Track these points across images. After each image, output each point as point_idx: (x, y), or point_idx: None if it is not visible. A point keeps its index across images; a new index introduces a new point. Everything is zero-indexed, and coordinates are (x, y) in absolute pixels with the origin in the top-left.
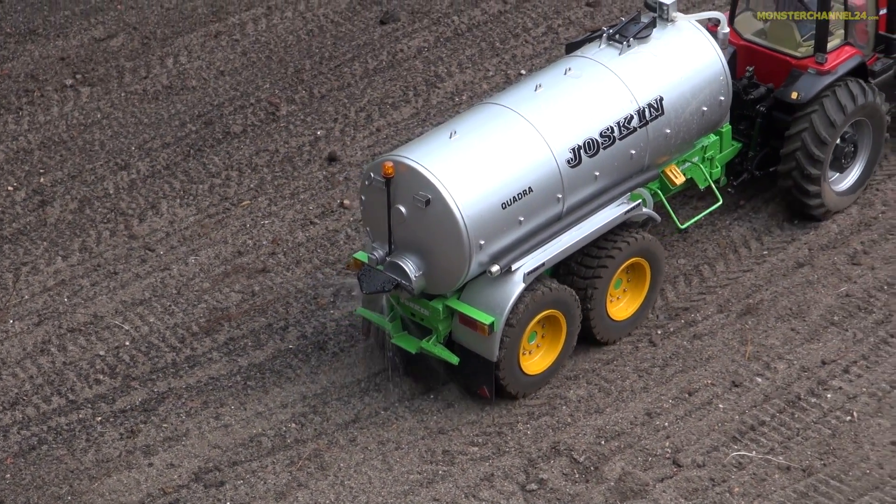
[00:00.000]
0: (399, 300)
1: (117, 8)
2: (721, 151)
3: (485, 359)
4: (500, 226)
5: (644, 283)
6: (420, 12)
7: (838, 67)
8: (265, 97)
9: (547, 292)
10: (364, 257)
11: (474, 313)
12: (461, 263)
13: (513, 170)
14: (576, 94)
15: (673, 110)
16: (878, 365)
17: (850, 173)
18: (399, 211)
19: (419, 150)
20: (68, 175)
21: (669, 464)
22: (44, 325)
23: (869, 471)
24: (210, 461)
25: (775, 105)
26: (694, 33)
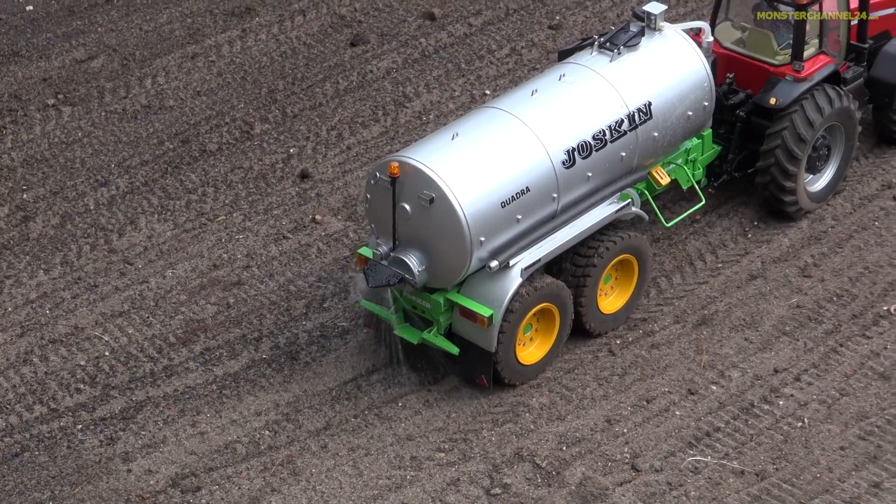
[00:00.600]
0: (402, 293)
1: (97, 30)
2: (702, 154)
3: (483, 349)
4: (500, 223)
5: (632, 279)
6: (389, 35)
7: (814, 74)
8: (240, 116)
9: (542, 286)
10: (368, 253)
11: (474, 306)
12: (462, 259)
13: (511, 170)
14: (570, 98)
15: (661, 115)
16: (827, 373)
17: (823, 175)
18: (404, 209)
19: (423, 151)
20: (50, 191)
21: (628, 469)
22: (26, 336)
23: (819, 475)
24: (187, 467)
25: (754, 110)
26: (680, 42)
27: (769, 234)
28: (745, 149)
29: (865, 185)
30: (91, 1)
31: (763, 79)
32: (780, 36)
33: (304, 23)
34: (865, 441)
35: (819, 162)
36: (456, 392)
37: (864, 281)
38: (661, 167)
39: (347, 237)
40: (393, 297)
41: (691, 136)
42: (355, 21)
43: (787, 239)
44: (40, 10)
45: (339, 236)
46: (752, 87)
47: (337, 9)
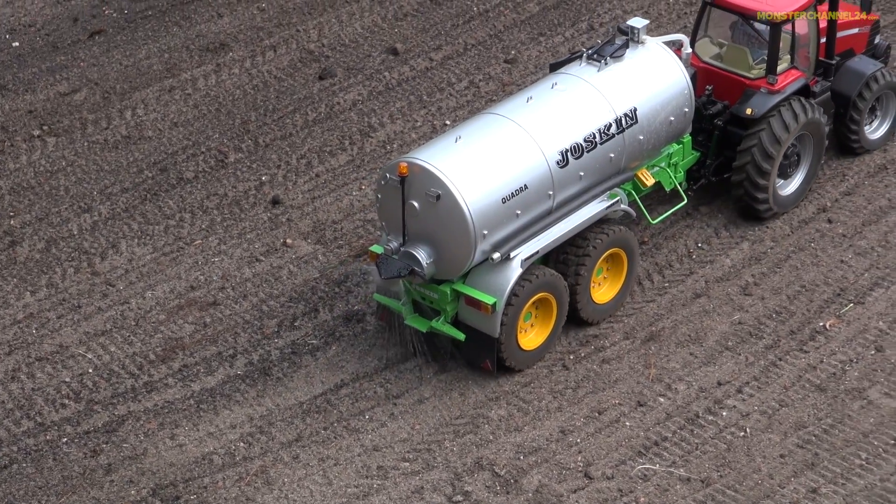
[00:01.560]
0: (411, 285)
1: (80, 65)
2: (683, 158)
3: (488, 335)
4: (501, 218)
5: (622, 271)
6: (355, 69)
7: (786, 87)
8: (215, 146)
9: (541, 276)
10: (379, 250)
11: (478, 295)
12: (468, 251)
13: (511, 169)
14: (562, 104)
15: (645, 119)
16: (767, 385)
17: (793, 180)
18: (412, 206)
19: (429, 152)
20: (36, 217)
21: (581, 476)
22: (14, 354)
23: (761, 481)
24: (166, 478)
25: (730, 120)
26: (661, 53)
27: (712, 255)
28: (722, 155)
29: (803, 209)
30: (74, 37)
31: (739, 91)
32: (755, 52)
33: (274, 58)
34: (803, 449)
35: (790, 168)
36: (420, 405)
37: (801, 299)
38: (647, 169)
39: (317, 259)
40: (403, 288)
41: (673, 141)
42: (323, 56)
43: (728, 259)
44: (26, 46)
45: (308, 259)
46: (729, 99)
47: (305, 44)
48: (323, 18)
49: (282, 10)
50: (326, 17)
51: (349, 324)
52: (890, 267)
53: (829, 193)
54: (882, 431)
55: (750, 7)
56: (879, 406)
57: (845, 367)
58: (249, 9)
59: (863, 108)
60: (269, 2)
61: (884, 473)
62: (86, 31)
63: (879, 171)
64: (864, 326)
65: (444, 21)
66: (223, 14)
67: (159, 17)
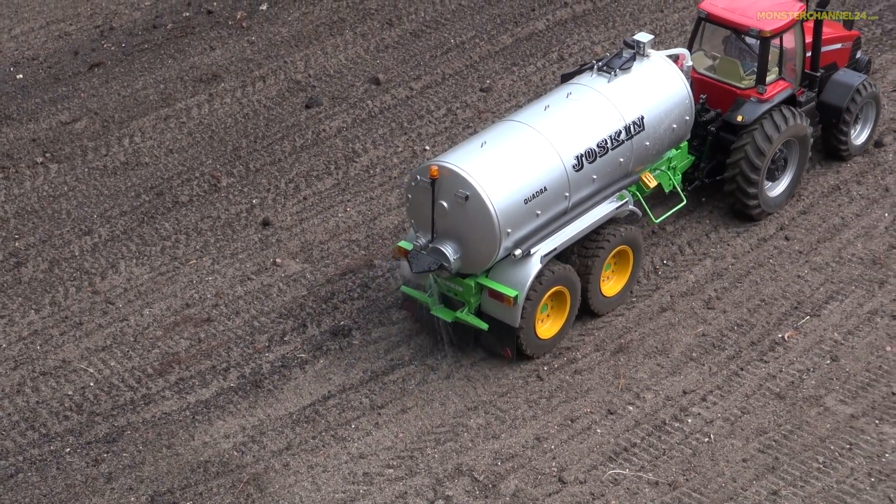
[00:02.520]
0: (438, 278)
1: (80, 96)
2: (681, 162)
3: (509, 325)
4: (523, 217)
5: (628, 267)
6: (339, 98)
7: (775, 97)
8: (208, 171)
9: (557, 271)
10: (408, 246)
11: (501, 288)
12: (492, 248)
13: (532, 172)
14: (577, 113)
15: (651, 126)
16: (730, 394)
17: (780, 183)
18: (441, 205)
19: (457, 156)
20: (40, 240)
21: (556, 481)
22: (19, 369)
23: (724, 484)
24: (164, 485)
25: (723, 126)
26: (665, 65)
27: (677, 271)
28: (714, 159)
29: (762, 228)
30: (74, 70)
31: (731, 100)
32: (745, 64)
33: (264, 88)
34: (764, 454)
35: (777, 171)
36: (403, 414)
37: (761, 312)
38: (649, 172)
39: (304, 278)
40: (430, 281)
41: (675, 146)
42: (309, 86)
43: (692, 275)
44: (29, 78)
45: (297, 277)
46: (722, 107)
47: (293, 75)
48: (309, 51)
49: (270, 43)
50: (312, 50)
51: (336, 338)
52: (844, 281)
53: (786, 213)
54: (838, 436)
55: (742, 23)
56: (835, 413)
57: (803, 376)
58: (240, 42)
59: (851, 117)
60: (258, 35)
61: (840, 476)
62: (86, 63)
63: (833, 191)
64: (820, 337)
65: (423, 52)
66: (215, 47)
67: (155, 50)
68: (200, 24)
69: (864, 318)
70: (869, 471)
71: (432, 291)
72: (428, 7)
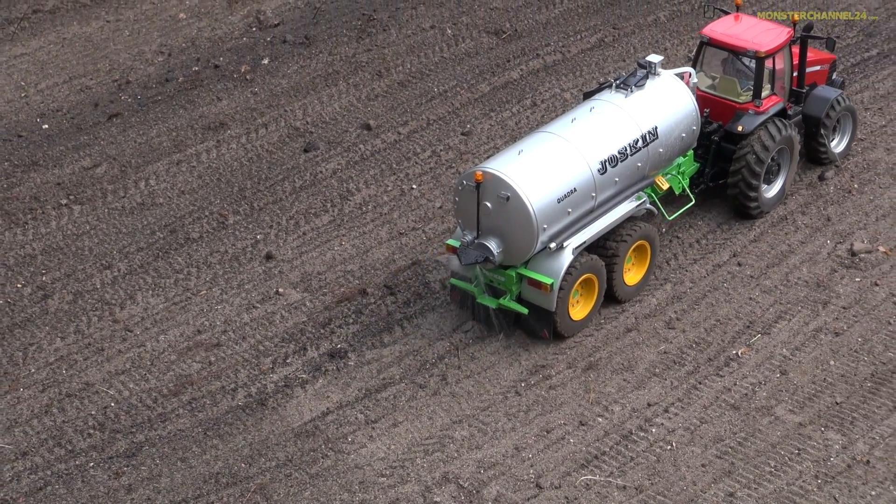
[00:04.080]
0: (483, 270)
1: (101, 143)
2: (689, 168)
3: (545, 309)
4: (556, 215)
5: (646, 260)
6: (334, 142)
7: (769, 109)
8: (216, 210)
9: (586, 261)
10: (455, 243)
11: (539, 277)
12: (531, 242)
13: (563, 176)
14: (600, 124)
15: (664, 135)
16: (690, 406)
17: (775, 185)
18: (486, 206)
19: (499, 163)
20: (64, 274)
21: (533, 486)
22: (47, 391)
23: (686, 487)
24: (179, 495)
25: (724, 137)
26: (674, 82)
27: (640, 295)
28: (717, 165)
29: (717, 255)
30: (95, 120)
31: (731, 113)
32: (742, 82)
33: (266, 134)
34: (721, 459)
35: (771, 176)
36: (394, 428)
37: (716, 331)
38: (662, 176)
39: (304, 306)
40: (476, 273)
41: (683, 153)
42: (307, 132)
43: (654, 299)
44: (54, 128)
45: (298, 305)
46: (723, 120)
47: (292, 122)
48: (307, 100)
49: (272, 94)
50: (310, 99)
51: (333, 360)
52: (791, 302)
53: (739, 241)
54: (788, 443)
55: (741, 45)
56: (785, 421)
57: (755, 388)
58: (244, 93)
59: (829, 125)
60: (260, 87)
61: (790, 479)
62: (105, 114)
63: (781, 221)
64: (771, 353)
65: (409, 101)
66: (222, 98)
67: (167, 101)
68: (208, 77)
69: (809, 335)
70: (816, 473)
71: (478, 282)
72: (413, 60)
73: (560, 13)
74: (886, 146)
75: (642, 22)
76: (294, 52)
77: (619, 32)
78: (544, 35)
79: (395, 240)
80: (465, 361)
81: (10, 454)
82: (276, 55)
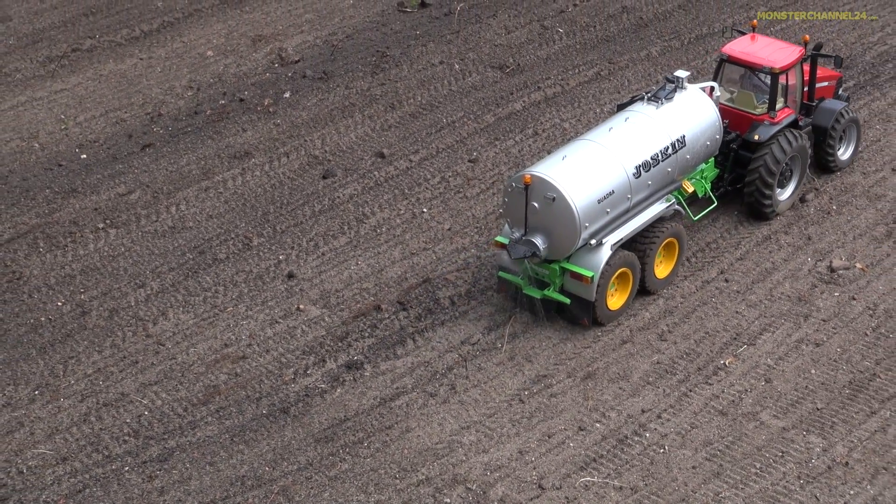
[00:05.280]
0: (529, 264)
1: (134, 172)
2: (710, 173)
3: (586, 299)
4: (596, 215)
5: (674, 256)
6: (351, 169)
7: (783, 121)
8: (242, 233)
9: (622, 256)
10: (504, 240)
11: (580, 270)
12: (574, 239)
13: (603, 179)
14: (634, 133)
15: (690, 143)
16: (681, 412)
17: (787, 189)
18: (533, 206)
19: (545, 167)
20: (101, 292)
21: (536, 488)
22: (85, 401)
23: (677, 488)
24: (207, 496)
25: (742, 145)
26: (700, 96)
27: (634, 309)
28: (735, 171)
29: (706, 272)
30: (129, 150)
31: (748, 124)
32: (758, 96)
33: (287, 162)
34: (710, 462)
35: (785, 180)
36: (407, 434)
37: (705, 342)
38: (688, 180)
39: (323, 321)
40: (523, 267)
41: (706, 160)
42: (325, 160)
43: (648, 313)
44: (91, 158)
45: (317, 320)
46: (741, 130)
47: (312, 151)
48: (325, 131)
49: (293, 125)
50: (328, 130)
51: (350, 371)
52: (775, 315)
53: (726, 259)
54: (772, 446)
55: (758, 62)
56: (769, 426)
57: (742, 395)
58: (267, 124)
59: (836, 135)
60: (282, 118)
61: (774, 479)
62: (139, 144)
63: (765, 240)
64: (756, 363)
65: (420, 130)
66: (247, 129)
67: (196, 132)
68: (234, 110)
69: (792, 346)
70: (798, 474)
71: (524, 275)
72: (424, 93)
73: (559, 49)
74: (863, 171)
75: (636, 56)
76: (313, 87)
77: (615, 66)
78: (545, 69)
79: (408, 259)
80: (472, 372)
81: (52, 459)
82: (296, 89)
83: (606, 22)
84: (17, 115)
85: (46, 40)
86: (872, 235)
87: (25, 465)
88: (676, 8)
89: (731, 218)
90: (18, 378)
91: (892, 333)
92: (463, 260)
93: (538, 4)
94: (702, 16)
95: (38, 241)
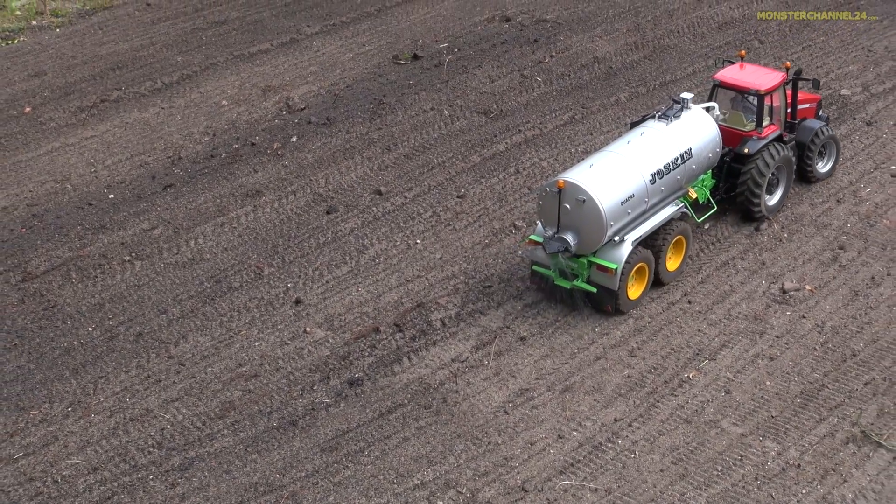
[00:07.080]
0: (560, 258)
1: (157, 209)
2: (709, 181)
3: (610, 289)
4: (620, 215)
5: (682, 251)
6: (351, 205)
7: (769, 136)
8: (253, 263)
9: (641, 252)
10: (538, 238)
11: (605, 263)
12: (601, 237)
13: (625, 184)
14: (649, 145)
15: (696, 155)
16: (650, 420)
17: (775, 195)
18: (565, 207)
19: (575, 173)
20: (128, 318)
21: (520, 491)
22: (114, 417)
23: (647, 489)
24: (224, 502)
25: (734, 158)
26: (703, 115)
27: (608, 328)
28: (728, 181)
29: (671, 294)
30: (152, 190)
31: (738, 140)
32: (747, 115)
33: (294, 199)
34: (676, 465)
35: (772, 188)
36: (404, 443)
37: (671, 358)
38: (692, 188)
39: (328, 342)
40: (556, 261)
41: (706, 171)
42: (329, 197)
43: (619, 332)
44: (118, 197)
45: (322, 341)
46: (732, 145)
47: (316, 189)
48: (328, 171)
49: (299, 166)
50: (331, 170)
51: (352, 387)
52: (733, 333)
53: (689, 282)
54: (732, 451)
55: (745, 86)
56: (729, 433)
57: (704, 405)
58: (276, 166)
59: (814, 149)
60: (290, 160)
61: (734, 480)
62: (161, 185)
63: (723, 265)
64: (717, 376)
65: (413, 170)
66: (258, 170)
67: (212, 173)
68: (246, 153)
69: (749, 360)
70: (756, 476)
71: (555, 268)
72: (417, 136)
73: (538, 96)
74: (811, 202)
75: (606, 102)
76: (317, 131)
77: (587, 111)
78: (525, 114)
79: (403, 286)
80: (462, 386)
81: (84, 469)
82: (302, 134)
83: (580, 71)
84: (51, 159)
85: (77, 92)
86: (820, 260)
87: (60, 474)
88: (642, 58)
89: (694, 246)
90: (53, 396)
91: (839, 348)
92: (453, 286)
93: (518, 56)
94: (665, 65)
95: (70, 272)
